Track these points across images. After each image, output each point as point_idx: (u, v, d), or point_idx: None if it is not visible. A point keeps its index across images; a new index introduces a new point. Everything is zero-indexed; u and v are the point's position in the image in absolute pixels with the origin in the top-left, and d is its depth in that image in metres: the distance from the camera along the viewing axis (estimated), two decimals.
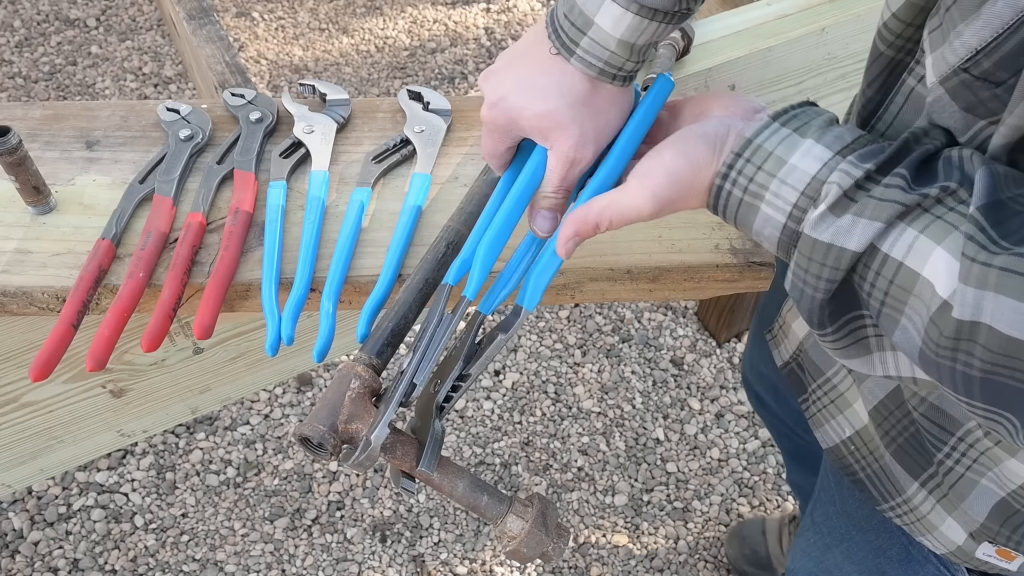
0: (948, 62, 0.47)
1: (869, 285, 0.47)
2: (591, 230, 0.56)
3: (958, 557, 0.70)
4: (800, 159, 0.49)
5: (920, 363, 0.46)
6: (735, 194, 0.52)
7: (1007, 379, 0.41)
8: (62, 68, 2.35)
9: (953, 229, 0.43)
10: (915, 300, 0.44)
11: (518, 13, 2.57)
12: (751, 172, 0.50)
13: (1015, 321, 0.40)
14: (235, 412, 1.73)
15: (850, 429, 0.75)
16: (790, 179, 0.49)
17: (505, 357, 1.83)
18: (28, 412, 0.90)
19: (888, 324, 0.47)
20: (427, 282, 0.65)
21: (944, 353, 0.43)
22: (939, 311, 0.43)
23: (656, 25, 0.56)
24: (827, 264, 0.47)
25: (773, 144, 0.50)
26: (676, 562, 1.60)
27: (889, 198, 0.45)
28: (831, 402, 0.76)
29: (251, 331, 0.93)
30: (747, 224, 0.53)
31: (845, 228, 0.46)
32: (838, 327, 0.51)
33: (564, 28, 0.57)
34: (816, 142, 0.49)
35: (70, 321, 0.67)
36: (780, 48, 0.97)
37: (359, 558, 1.57)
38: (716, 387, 1.81)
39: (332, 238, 0.76)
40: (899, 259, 0.45)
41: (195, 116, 0.83)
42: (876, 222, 0.45)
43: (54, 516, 1.58)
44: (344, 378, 0.58)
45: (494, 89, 0.59)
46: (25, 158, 0.71)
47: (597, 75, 0.57)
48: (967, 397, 0.45)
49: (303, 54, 2.41)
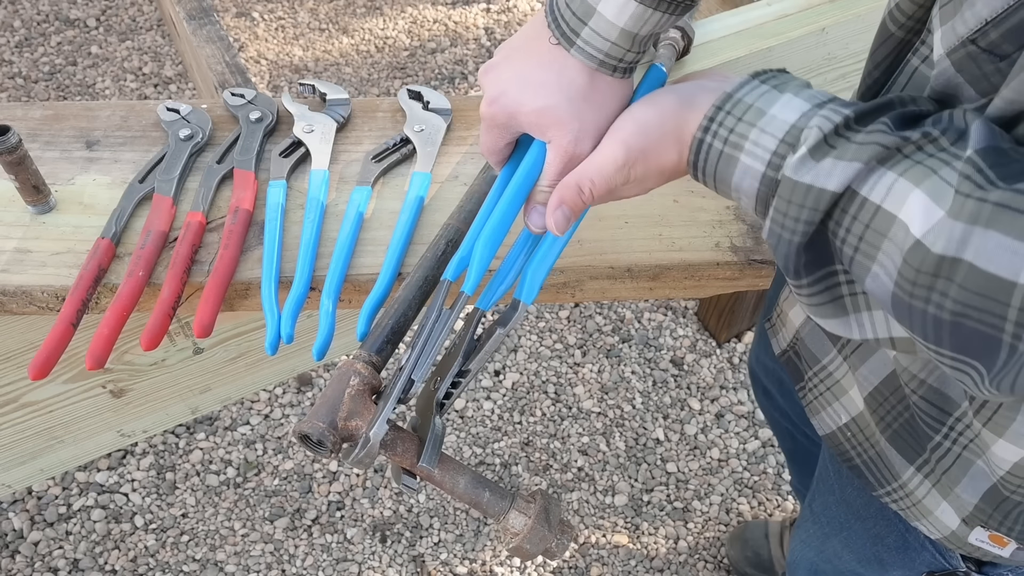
0: (957, 33, 0.48)
1: (844, 231, 0.47)
2: (574, 194, 0.56)
3: (952, 543, 0.70)
4: (780, 110, 0.50)
5: (892, 309, 0.46)
6: (715, 146, 0.52)
7: (976, 323, 0.42)
8: (62, 68, 2.35)
9: (932, 173, 0.44)
10: (888, 244, 0.45)
11: (518, 13, 2.57)
12: (731, 123, 0.51)
13: (998, 257, 0.40)
14: (235, 412, 1.73)
15: (846, 416, 0.75)
16: (770, 128, 0.50)
17: (505, 357, 1.83)
18: (28, 412, 0.90)
19: (860, 271, 0.47)
20: (427, 280, 0.65)
21: (919, 293, 0.43)
22: (912, 250, 0.43)
23: (660, 15, 0.56)
24: (806, 206, 0.47)
25: (753, 98, 0.51)
26: (676, 562, 1.60)
27: (870, 141, 0.46)
28: (827, 389, 0.77)
29: (251, 331, 0.93)
30: (726, 179, 0.53)
31: (825, 170, 0.46)
32: (813, 280, 0.52)
33: (565, 17, 0.56)
34: (795, 96, 0.50)
35: (69, 320, 0.67)
36: (780, 48, 0.97)
37: (359, 558, 1.57)
38: (716, 387, 1.81)
39: (332, 237, 0.76)
40: (877, 202, 0.45)
41: (195, 116, 0.83)
42: (856, 163, 0.45)
43: (54, 516, 1.58)
44: (344, 375, 0.58)
45: (493, 84, 0.59)
46: (25, 157, 0.71)
47: (597, 67, 0.57)
48: (936, 344, 0.45)
49: (303, 54, 2.41)
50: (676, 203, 0.79)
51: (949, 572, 0.77)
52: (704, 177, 0.55)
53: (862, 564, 0.87)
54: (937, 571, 0.78)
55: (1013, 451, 0.58)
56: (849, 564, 0.90)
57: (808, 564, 0.98)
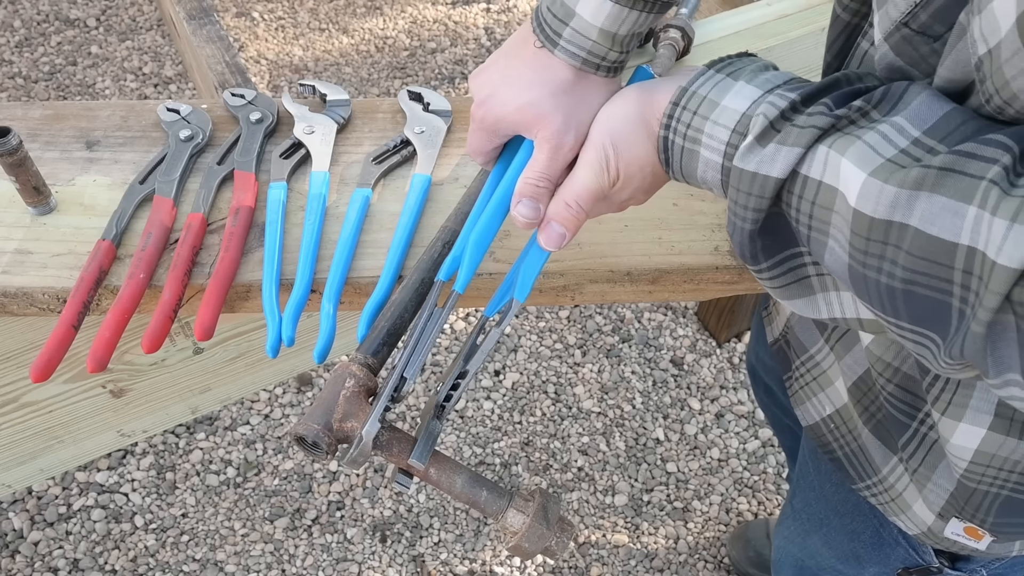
0: (891, 17, 0.49)
1: (795, 211, 0.48)
2: (562, 208, 0.57)
3: (929, 538, 0.71)
4: (731, 100, 0.50)
5: (851, 282, 0.47)
6: (677, 142, 0.53)
7: (926, 289, 0.42)
8: (62, 68, 2.35)
9: (856, 139, 0.44)
10: (835, 216, 0.45)
11: (518, 13, 2.57)
12: (688, 118, 0.52)
13: (941, 219, 0.40)
14: (235, 412, 1.73)
15: (830, 407, 0.75)
16: (722, 119, 0.50)
17: (505, 357, 1.83)
18: (28, 412, 0.90)
19: (817, 248, 0.48)
20: (423, 282, 0.66)
21: (871, 262, 0.44)
22: (855, 219, 0.44)
23: (636, 14, 0.56)
24: (753, 193, 0.48)
25: (707, 89, 0.52)
26: (676, 562, 1.60)
27: (810, 124, 0.46)
28: (813, 379, 0.77)
29: (251, 331, 0.93)
30: (692, 173, 0.54)
31: (769, 156, 0.47)
32: (774, 264, 0.52)
33: (547, 20, 0.58)
34: (747, 83, 0.51)
35: (71, 322, 0.67)
36: (780, 48, 0.97)
37: (359, 558, 1.57)
38: (716, 387, 1.81)
39: (332, 239, 0.76)
40: (817, 178, 0.46)
41: (195, 116, 0.83)
42: (796, 147, 0.46)
43: (54, 516, 1.58)
44: (339, 377, 0.58)
45: (481, 87, 0.60)
46: (25, 158, 0.71)
47: (581, 65, 0.57)
48: (894, 316, 0.45)
49: (303, 54, 2.41)
50: (675, 207, 0.79)
51: (923, 568, 0.78)
52: (674, 174, 0.55)
53: (841, 561, 0.88)
54: (911, 567, 0.79)
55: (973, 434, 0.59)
56: (829, 561, 0.90)
57: (793, 561, 0.99)
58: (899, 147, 0.43)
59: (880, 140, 0.44)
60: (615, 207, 0.60)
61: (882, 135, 0.44)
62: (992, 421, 0.58)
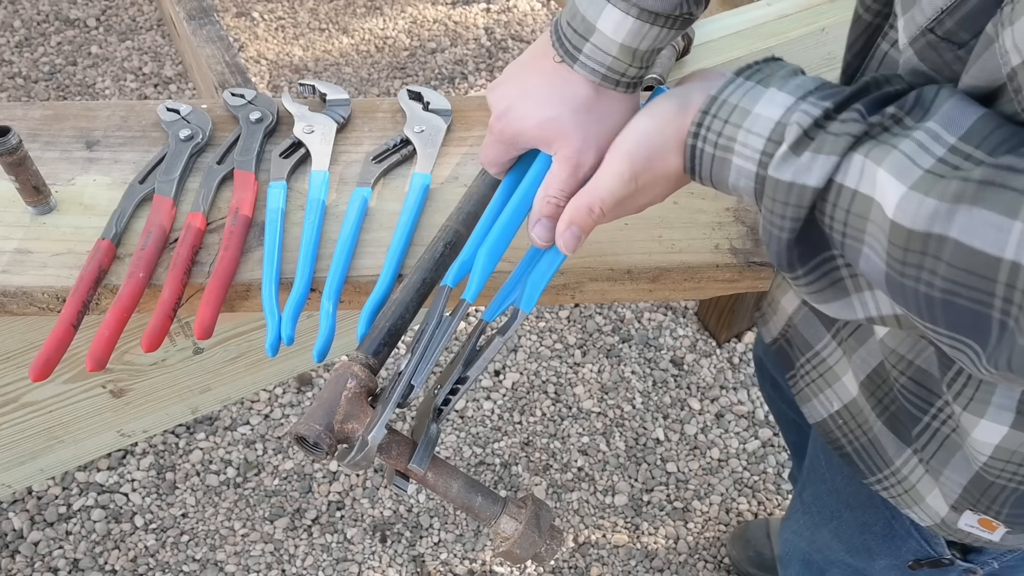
0: (917, 22, 0.49)
1: (829, 219, 0.48)
2: (584, 214, 0.56)
3: (943, 529, 0.70)
4: (764, 107, 0.50)
5: (887, 288, 0.47)
6: (707, 151, 0.53)
7: (966, 301, 0.42)
8: (62, 68, 2.35)
9: (892, 149, 0.44)
10: (871, 226, 0.45)
11: (518, 13, 2.57)
12: (719, 127, 0.51)
13: (983, 233, 0.40)
14: (235, 412, 1.73)
15: (838, 403, 0.75)
16: (756, 127, 0.50)
17: (505, 357, 1.83)
18: (28, 412, 0.90)
19: (852, 254, 0.48)
20: (424, 282, 0.65)
21: (909, 272, 0.44)
22: (892, 230, 0.43)
23: (658, 30, 0.56)
24: (790, 203, 0.48)
25: (738, 97, 0.51)
26: (676, 562, 1.60)
27: (844, 132, 0.46)
28: (819, 376, 0.77)
29: (251, 331, 0.93)
30: (723, 180, 0.53)
31: (805, 165, 0.47)
32: (809, 269, 0.52)
33: (567, 35, 0.57)
34: (779, 91, 0.50)
35: (70, 321, 0.67)
36: (780, 48, 0.97)
37: (359, 558, 1.57)
38: (716, 387, 1.81)
39: (332, 238, 0.76)
40: (852, 187, 0.46)
41: (195, 116, 0.83)
42: (832, 156, 0.46)
43: (54, 516, 1.58)
44: (340, 378, 0.58)
45: (500, 100, 0.60)
46: (25, 158, 0.71)
47: (600, 81, 0.57)
48: (931, 323, 0.45)
49: (303, 54, 2.41)
50: (676, 205, 0.79)
51: (934, 560, 0.78)
52: (703, 180, 0.55)
53: (851, 554, 0.88)
54: (923, 559, 0.79)
55: (994, 431, 0.59)
56: (838, 554, 0.90)
57: (800, 555, 0.98)
58: (936, 156, 0.43)
59: (917, 149, 0.43)
60: (632, 211, 0.60)
61: (918, 143, 0.44)
62: (1015, 419, 0.57)
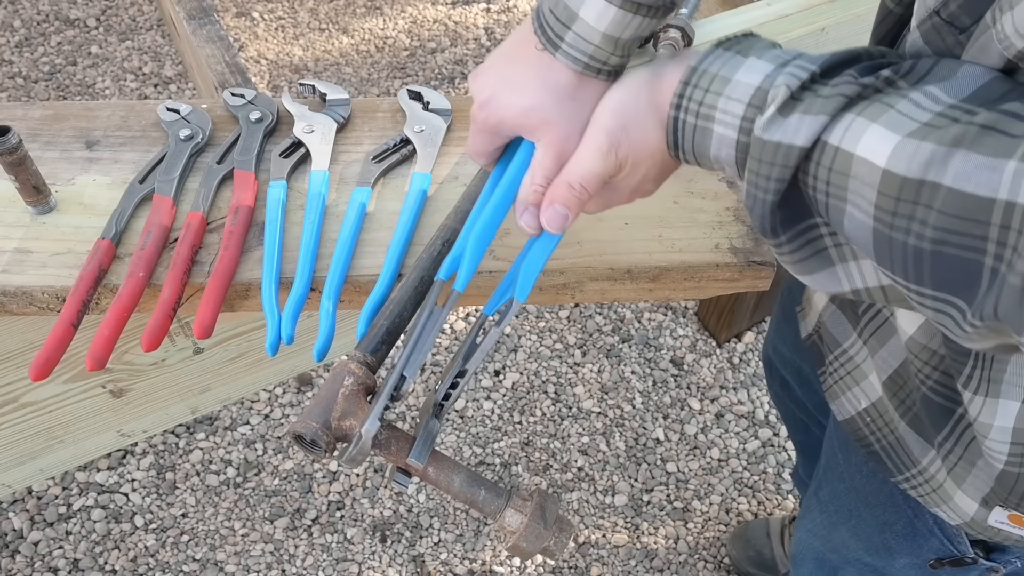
0: (927, 5, 0.49)
1: (813, 178, 0.47)
2: (565, 189, 0.56)
3: (972, 527, 0.70)
4: (744, 75, 0.50)
5: (873, 246, 0.46)
6: (689, 121, 0.53)
7: (957, 249, 0.42)
8: (62, 68, 2.35)
9: (889, 108, 0.44)
10: (854, 182, 0.45)
11: (518, 13, 2.57)
12: (700, 96, 0.52)
13: (976, 176, 0.40)
14: (235, 412, 1.73)
15: (866, 401, 0.75)
16: (735, 93, 0.50)
17: (505, 357, 1.83)
18: (28, 412, 0.90)
19: (836, 214, 0.48)
20: (423, 280, 0.65)
21: (899, 223, 0.43)
22: (885, 180, 0.43)
23: (640, 19, 0.56)
24: (776, 163, 0.48)
25: (717, 67, 0.51)
26: (676, 562, 1.60)
27: (835, 93, 0.46)
28: (847, 373, 0.77)
29: (251, 331, 0.93)
30: (705, 152, 0.53)
31: (793, 126, 0.47)
32: (793, 235, 0.52)
33: (549, 23, 0.57)
34: (758, 59, 0.51)
35: (70, 321, 0.67)
36: None
37: (359, 558, 1.57)
38: (716, 387, 1.81)
39: (332, 238, 0.76)
40: (836, 144, 0.46)
41: (195, 116, 0.83)
42: (822, 115, 0.46)
43: (54, 516, 1.58)
44: (338, 376, 0.58)
45: (482, 88, 0.60)
46: (25, 158, 0.71)
47: (582, 69, 0.57)
48: (916, 282, 0.45)
49: (303, 54, 2.41)
50: (676, 204, 0.79)
51: (956, 559, 0.77)
52: (685, 155, 0.55)
53: (869, 552, 0.87)
54: (944, 558, 0.78)
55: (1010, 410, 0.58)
56: (856, 553, 0.90)
57: (814, 554, 0.98)
58: (934, 111, 0.43)
59: (913, 107, 0.43)
60: (623, 197, 0.59)
61: (914, 103, 0.44)
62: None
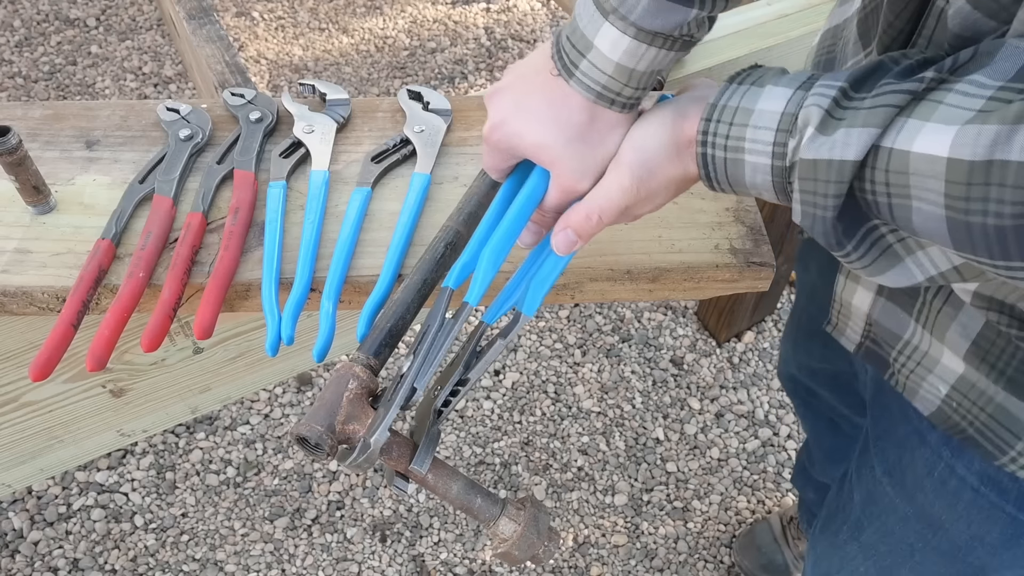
0: None
1: (870, 184, 0.47)
2: (583, 220, 0.58)
3: None
4: (765, 103, 0.51)
5: (950, 235, 0.45)
6: (718, 155, 0.53)
7: None
8: (62, 68, 2.35)
9: (938, 104, 0.44)
10: (916, 178, 0.45)
11: (518, 13, 2.57)
12: (724, 130, 0.52)
13: None
14: (235, 412, 1.73)
15: (945, 386, 0.71)
16: (761, 122, 0.51)
17: (505, 357, 1.83)
18: (28, 412, 0.90)
19: (902, 213, 0.47)
20: (425, 282, 0.65)
21: (974, 207, 0.43)
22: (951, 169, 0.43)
23: (656, 51, 0.56)
24: (831, 180, 0.48)
25: (736, 100, 0.52)
26: (676, 562, 1.60)
27: (881, 103, 0.46)
28: (918, 364, 0.73)
29: (251, 331, 0.93)
30: (740, 181, 0.54)
31: (841, 141, 0.47)
32: (857, 242, 0.52)
33: (566, 50, 0.57)
34: (775, 86, 0.51)
35: (70, 321, 0.67)
36: (780, 48, 0.97)
37: (359, 558, 1.57)
38: (716, 387, 1.81)
39: (332, 238, 0.76)
40: (889, 146, 0.45)
41: (195, 116, 0.83)
42: (871, 127, 0.46)
43: (54, 516, 1.58)
44: (342, 379, 0.58)
45: (496, 110, 0.60)
46: (25, 158, 0.71)
47: (595, 99, 0.57)
48: (1004, 259, 0.44)
49: (303, 54, 2.41)
50: (675, 205, 0.79)
51: None
52: (719, 185, 0.56)
53: None
54: None
55: None
56: None
57: None
58: (985, 96, 0.42)
59: (962, 98, 0.43)
60: (631, 219, 0.61)
61: (962, 93, 0.43)
62: None
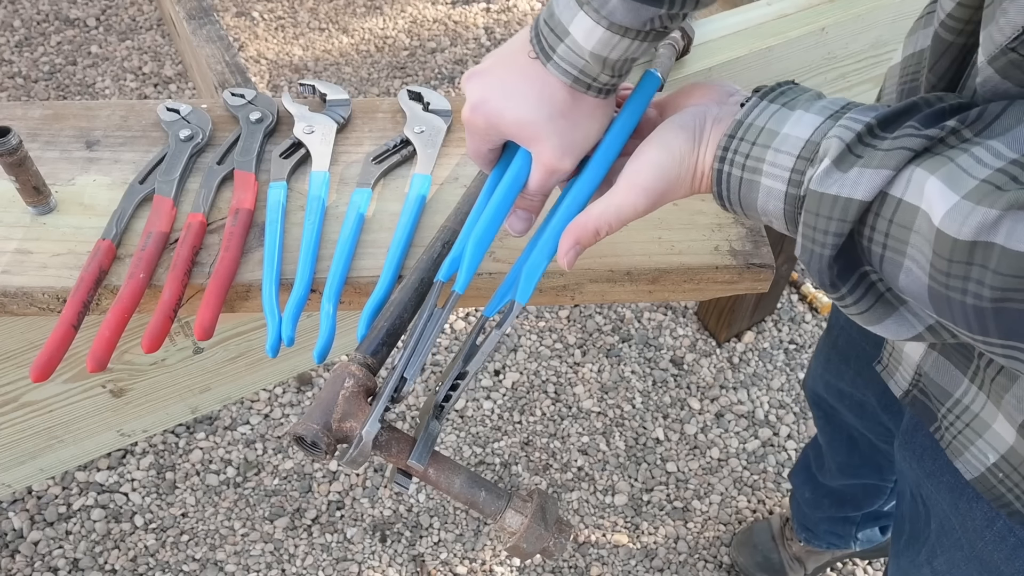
0: (995, 41, 0.47)
1: (870, 230, 0.46)
2: (591, 236, 0.57)
3: None
4: (792, 127, 0.49)
5: (931, 304, 0.45)
6: (734, 174, 0.52)
7: (1019, 304, 0.41)
8: (62, 68, 2.35)
9: (948, 161, 0.43)
10: (915, 236, 0.44)
11: (518, 13, 2.57)
12: (746, 149, 0.51)
13: None
14: (235, 412, 1.73)
15: (994, 454, 0.66)
16: (784, 147, 0.49)
17: (505, 357, 1.83)
18: (28, 412, 0.90)
19: (891, 268, 0.46)
20: (423, 282, 0.66)
21: (954, 284, 0.42)
22: (938, 239, 0.42)
23: (628, 42, 0.55)
24: (834, 217, 0.46)
25: (764, 120, 0.51)
26: (676, 562, 1.60)
27: (898, 146, 0.45)
28: (966, 426, 0.69)
29: (251, 331, 0.93)
30: (751, 203, 0.53)
31: (852, 180, 0.45)
32: (852, 286, 0.51)
33: (544, 34, 0.57)
34: (806, 112, 0.50)
35: (70, 322, 0.67)
36: (780, 48, 0.97)
37: (359, 558, 1.57)
38: (716, 387, 1.81)
39: (332, 239, 0.76)
40: (898, 196, 0.44)
41: (195, 116, 0.83)
42: (884, 169, 0.45)
43: (54, 516, 1.58)
44: (338, 377, 0.58)
45: (475, 91, 0.59)
46: (25, 158, 0.71)
47: (572, 83, 0.57)
48: (982, 334, 0.44)
49: (303, 54, 2.41)
50: (675, 206, 0.79)
51: None
52: (731, 206, 0.54)
53: None
54: None
55: None
56: None
57: None
58: (994, 167, 0.41)
59: (973, 163, 0.42)
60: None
61: (975, 157, 0.42)
62: None
